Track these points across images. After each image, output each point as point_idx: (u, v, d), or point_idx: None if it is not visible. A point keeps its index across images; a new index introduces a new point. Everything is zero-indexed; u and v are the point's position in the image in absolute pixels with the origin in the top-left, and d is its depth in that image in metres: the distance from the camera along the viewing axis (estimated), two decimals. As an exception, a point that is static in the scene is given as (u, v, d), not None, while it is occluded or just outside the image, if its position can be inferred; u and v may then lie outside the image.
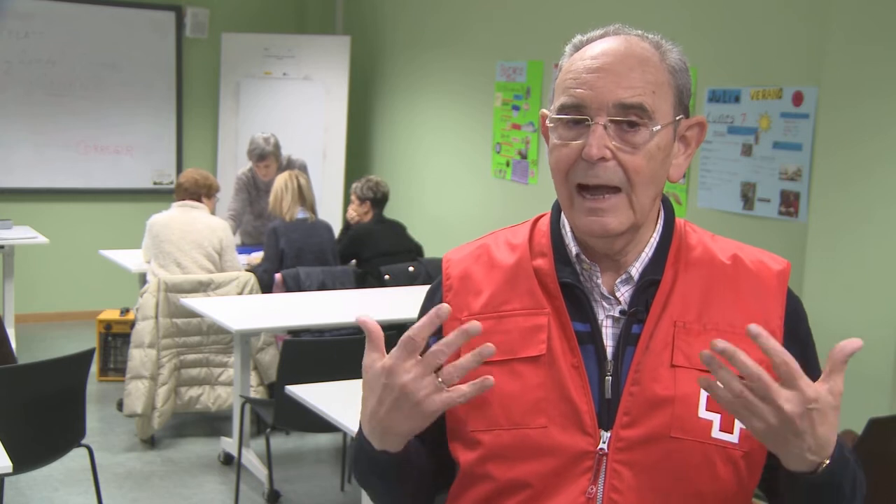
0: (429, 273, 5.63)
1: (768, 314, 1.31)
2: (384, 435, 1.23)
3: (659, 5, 4.94)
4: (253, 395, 5.02)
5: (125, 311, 6.12)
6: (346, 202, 6.75)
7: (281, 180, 5.61)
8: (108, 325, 6.04)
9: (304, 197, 5.59)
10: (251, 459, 4.63)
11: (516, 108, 6.10)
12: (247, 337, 4.73)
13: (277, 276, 5.41)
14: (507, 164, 6.20)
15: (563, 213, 1.36)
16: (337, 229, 6.44)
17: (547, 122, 1.31)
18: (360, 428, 1.29)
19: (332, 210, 7.33)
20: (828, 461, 1.15)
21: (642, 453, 1.25)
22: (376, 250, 5.76)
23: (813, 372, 1.26)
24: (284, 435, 5.21)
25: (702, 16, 4.73)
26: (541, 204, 5.95)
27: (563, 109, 1.28)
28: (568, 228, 1.35)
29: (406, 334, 1.17)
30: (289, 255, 5.49)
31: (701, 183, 4.69)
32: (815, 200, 3.85)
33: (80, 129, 7.62)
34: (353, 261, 5.86)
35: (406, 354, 1.17)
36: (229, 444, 4.85)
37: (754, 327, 1.10)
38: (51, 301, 7.65)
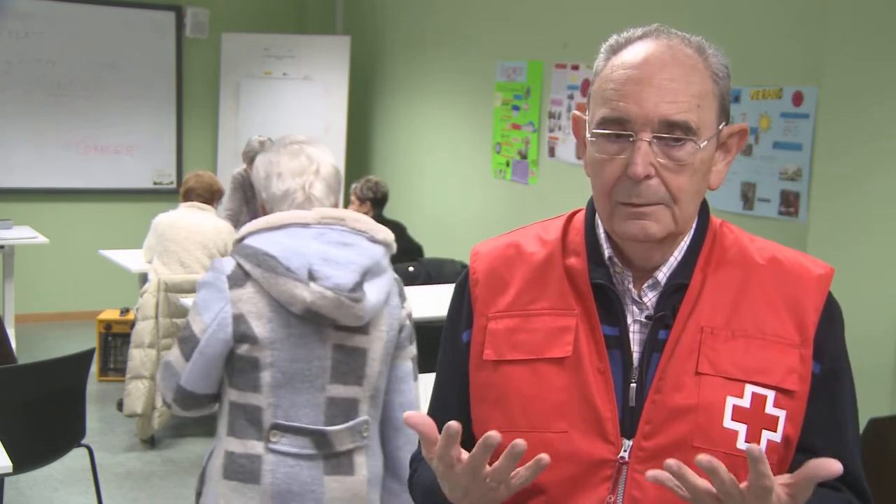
0: (429, 273, 5.61)
1: (802, 320, 1.26)
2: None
3: (659, 5, 4.94)
4: (253, 395, 5.01)
5: (125, 311, 6.12)
6: (346, 202, 6.75)
7: None
8: (108, 325, 6.04)
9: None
10: (251, 459, 4.63)
11: (516, 108, 6.10)
12: (247, 337, 4.72)
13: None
14: (507, 164, 6.20)
15: (597, 215, 1.32)
16: (337, 229, 6.43)
17: (588, 135, 1.26)
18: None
19: (332, 210, 7.32)
20: None
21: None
22: (376, 250, 5.74)
23: (839, 382, 1.27)
24: (284, 435, 5.21)
25: (702, 16, 4.73)
26: (541, 203, 5.96)
27: (604, 123, 1.22)
28: (602, 229, 1.31)
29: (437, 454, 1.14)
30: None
31: (701, 183, 4.69)
32: (815, 200, 3.85)
33: (80, 129, 7.63)
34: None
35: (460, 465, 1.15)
36: (229, 444, 4.84)
37: (755, 449, 1.04)
38: (51, 301, 7.66)
